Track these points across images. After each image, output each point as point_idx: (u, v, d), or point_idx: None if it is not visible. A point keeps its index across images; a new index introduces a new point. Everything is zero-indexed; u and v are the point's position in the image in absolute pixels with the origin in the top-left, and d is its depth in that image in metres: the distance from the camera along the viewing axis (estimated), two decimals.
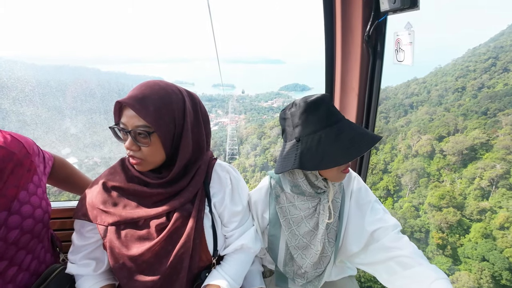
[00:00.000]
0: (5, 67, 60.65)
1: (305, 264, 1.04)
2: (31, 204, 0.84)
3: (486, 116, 41.35)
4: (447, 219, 29.15)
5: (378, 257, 0.90)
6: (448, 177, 35.33)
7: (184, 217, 0.88)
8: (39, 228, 0.87)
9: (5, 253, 0.78)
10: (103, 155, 40.83)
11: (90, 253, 0.93)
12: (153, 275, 0.84)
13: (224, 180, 0.99)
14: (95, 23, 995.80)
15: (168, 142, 0.84)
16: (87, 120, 54.75)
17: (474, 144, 35.36)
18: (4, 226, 0.77)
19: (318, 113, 0.86)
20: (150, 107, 0.79)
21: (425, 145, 38.83)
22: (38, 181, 0.89)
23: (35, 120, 50.69)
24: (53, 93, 64.10)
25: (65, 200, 1.42)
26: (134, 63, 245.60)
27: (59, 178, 1.11)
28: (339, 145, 0.82)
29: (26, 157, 0.84)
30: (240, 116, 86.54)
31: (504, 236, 25.62)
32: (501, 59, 55.69)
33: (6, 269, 0.79)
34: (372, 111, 1.39)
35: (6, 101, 46.09)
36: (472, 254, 25.60)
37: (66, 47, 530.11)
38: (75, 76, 72.46)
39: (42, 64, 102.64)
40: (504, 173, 30.98)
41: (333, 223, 1.00)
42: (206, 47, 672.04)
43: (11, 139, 0.82)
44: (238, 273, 0.98)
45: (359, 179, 1.07)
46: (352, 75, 1.38)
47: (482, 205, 29.60)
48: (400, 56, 1.16)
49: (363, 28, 1.26)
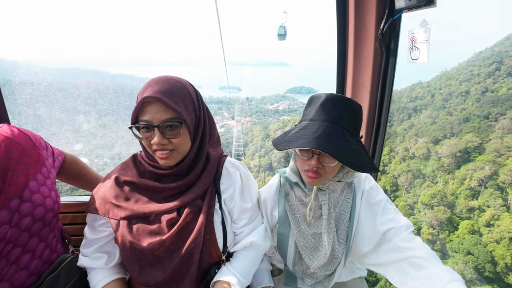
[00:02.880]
0: (22, 70, 63.31)
1: (313, 265, 1.03)
2: (41, 194, 0.87)
3: (488, 120, 41.76)
4: (437, 216, 30.99)
5: (390, 258, 0.88)
6: (442, 178, 36.95)
7: (195, 213, 0.89)
8: (50, 217, 0.90)
9: (18, 239, 0.81)
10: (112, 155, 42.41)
11: (102, 246, 0.95)
12: (164, 269, 0.85)
13: (234, 177, 0.99)
14: (103, 26, 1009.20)
15: (193, 131, 0.87)
16: (98, 121, 56.59)
17: (467, 147, 36.97)
18: (17, 213, 0.80)
19: (309, 107, 0.91)
20: (175, 98, 0.82)
21: (421, 147, 40.54)
22: (47, 172, 0.93)
23: (50, 117, 52.82)
24: (68, 95, 66.34)
25: (77, 195, 1.45)
26: (142, 66, 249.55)
27: (70, 174, 1.15)
28: (296, 136, 0.86)
29: (33, 149, 0.89)
30: (246, 118, 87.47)
31: (490, 232, 27.45)
32: (506, 63, 55.53)
33: (19, 256, 0.82)
34: (384, 109, 1.36)
35: (23, 97, 48.31)
36: (459, 248, 27.53)
37: (76, 50, 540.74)
38: (86, 78, 74.61)
39: (53, 67, 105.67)
40: (492, 174, 32.64)
41: (344, 224, 0.99)
42: (212, 50, 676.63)
43: (18, 132, 0.87)
44: (247, 270, 0.98)
45: (370, 178, 1.05)
46: (364, 73, 1.36)
47: (471, 204, 31.45)
48: (415, 54, 1.13)
49: (376, 25, 1.24)
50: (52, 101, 64.21)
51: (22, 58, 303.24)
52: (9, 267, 0.81)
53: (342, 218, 1.00)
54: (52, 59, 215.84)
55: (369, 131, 1.45)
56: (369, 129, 1.44)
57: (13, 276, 0.82)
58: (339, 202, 1.01)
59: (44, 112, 60.50)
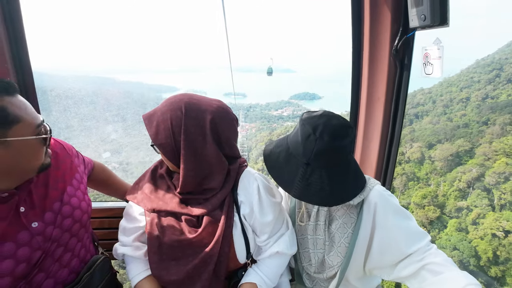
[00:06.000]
0: (36, 79, 65.88)
1: (305, 266, 1.04)
2: (77, 197, 0.94)
3: (486, 126, 42.81)
4: (428, 215, 33.31)
5: (408, 271, 0.85)
6: (434, 180, 39.12)
7: (213, 224, 0.89)
8: (85, 218, 0.96)
9: (61, 239, 0.87)
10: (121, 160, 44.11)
11: (140, 236, 0.98)
12: (178, 270, 0.88)
13: (251, 190, 0.96)
14: (110, 33, 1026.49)
15: (170, 154, 0.88)
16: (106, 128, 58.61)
17: (459, 151, 39.33)
18: (59, 215, 0.86)
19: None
20: (153, 122, 0.87)
21: (415, 152, 42.88)
22: (80, 178, 1.00)
23: (62, 123, 55.01)
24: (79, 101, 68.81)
25: (103, 201, 1.50)
26: (149, 73, 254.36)
27: (99, 181, 1.23)
28: (282, 164, 0.90)
29: (67, 157, 0.97)
30: (251, 124, 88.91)
31: (475, 230, 29.72)
32: (506, 70, 56.19)
33: (62, 255, 0.88)
34: (398, 122, 1.38)
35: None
36: (446, 244, 29.75)
37: (84, 58, 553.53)
38: (97, 86, 77.35)
39: (63, 75, 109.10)
40: (478, 176, 35.02)
41: (344, 238, 0.95)
42: (218, 56, 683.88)
43: (54, 142, 0.95)
44: (274, 272, 0.98)
45: (387, 196, 0.94)
46: (378, 86, 1.40)
47: (460, 204, 33.95)
48: (429, 70, 1.17)
49: (391, 42, 1.28)
50: (62, 108, 66.64)
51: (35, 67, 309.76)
52: (53, 264, 0.86)
53: (344, 232, 0.96)
54: (62, 67, 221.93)
55: (383, 143, 1.47)
56: (382, 141, 1.47)
57: (56, 273, 0.87)
58: (342, 214, 0.97)
59: (56, 117, 62.98)
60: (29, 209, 0.82)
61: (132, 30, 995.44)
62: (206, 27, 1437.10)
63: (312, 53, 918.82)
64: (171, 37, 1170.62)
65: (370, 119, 1.49)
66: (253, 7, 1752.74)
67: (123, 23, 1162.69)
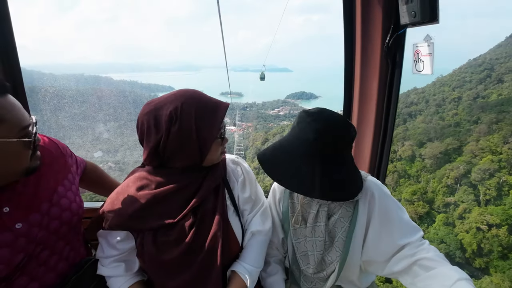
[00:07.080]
0: (27, 77, 64.71)
1: (304, 268, 1.03)
2: (67, 198, 0.91)
3: (477, 125, 43.55)
4: (417, 210, 34.66)
5: (401, 266, 0.87)
6: (424, 177, 40.54)
7: (210, 211, 0.91)
8: (75, 220, 0.93)
9: (47, 241, 0.84)
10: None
11: (120, 257, 0.93)
12: (191, 271, 0.88)
13: (236, 172, 1.03)
14: (105, 31, 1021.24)
15: (152, 149, 0.86)
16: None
17: (448, 149, 40.70)
18: (47, 216, 0.84)
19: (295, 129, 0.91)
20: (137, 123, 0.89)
21: (407, 150, 44.19)
22: (72, 179, 0.98)
23: (56, 123, 54.46)
24: (73, 101, 68.11)
25: (94, 201, 1.44)
26: (144, 72, 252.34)
27: (91, 181, 1.19)
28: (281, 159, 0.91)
29: (60, 156, 0.96)
30: (247, 123, 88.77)
31: (461, 224, 31.21)
32: (496, 70, 57.06)
33: (48, 258, 0.85)
34: (390, 119, 1.39)
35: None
36: (434, 238, 31.11)
37: (79, 56, 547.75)
38: (92, 85, 76.31)
39: (58, 74, 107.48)
40: (465, 172, 36.63)
41: (342, 232, 0.96)
42: (214, 56, 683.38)
43: (48, 141, 0.94)
44: (254, 256, 0.99)
45: (378, 185, 0.98)
46: (371, 84, 1.40)
47: (448, 199, 35.54)
48: (419, 66, 1.18)
49: (382, 39, 1.28)
50: (56, 107, 65.87)
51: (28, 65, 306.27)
52: (39, 268, 0.83)
53: (341, 226, 0.96)
54: (57, 66, 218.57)
55: (376, 140, 1.49)
56: (375, 138, 1.49)
57: (43, 276, 0.85)
58: (338, 210, 0.98)
59: (48, 118, 62.13)
60: (14, 209, 0.79)
61: (128, 28, 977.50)
62: (203, 26, 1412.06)
63: (309, 52, 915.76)
64: (168, 36, 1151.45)
65: (363, 116, 1.51)
66: (249, 5, 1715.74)
67: (120, 22, 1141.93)
